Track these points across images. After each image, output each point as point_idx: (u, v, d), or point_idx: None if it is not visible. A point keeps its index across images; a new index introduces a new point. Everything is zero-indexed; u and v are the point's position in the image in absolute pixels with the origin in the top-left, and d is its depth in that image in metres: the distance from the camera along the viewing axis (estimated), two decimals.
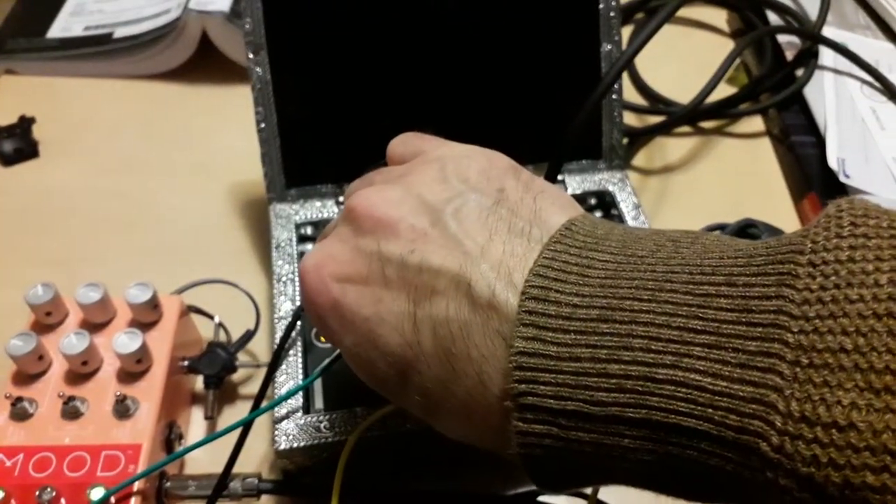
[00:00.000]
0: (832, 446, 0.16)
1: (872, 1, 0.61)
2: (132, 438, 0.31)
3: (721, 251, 0.20)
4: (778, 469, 0.16)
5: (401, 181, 0.25)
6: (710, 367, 0.18)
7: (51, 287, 0.34)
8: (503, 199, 0.24)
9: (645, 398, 0.18)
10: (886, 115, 0.52)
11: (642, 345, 0.19)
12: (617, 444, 0.19)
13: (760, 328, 0.17)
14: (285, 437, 0.32)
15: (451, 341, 0.22)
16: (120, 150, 0.52)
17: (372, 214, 0.24)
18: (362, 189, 0.26)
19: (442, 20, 0.42)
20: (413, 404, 0.24)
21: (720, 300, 0.18)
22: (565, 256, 0.21)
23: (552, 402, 0.19)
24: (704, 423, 0.18)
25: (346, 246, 0.25)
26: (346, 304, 0.24)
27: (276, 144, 0.41)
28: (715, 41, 0.61)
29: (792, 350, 0.17)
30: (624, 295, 0.20)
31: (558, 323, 0.20)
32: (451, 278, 0.22)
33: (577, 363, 0.19)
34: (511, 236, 0.22)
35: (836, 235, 0.18)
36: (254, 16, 0.40)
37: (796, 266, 0.18)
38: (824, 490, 0.16)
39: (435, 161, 0.26)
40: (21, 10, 0.62)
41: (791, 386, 0.16)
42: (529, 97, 0.43)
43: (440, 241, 0.23)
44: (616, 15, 0.43)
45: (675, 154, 0.52)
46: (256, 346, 0.39)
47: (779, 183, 0.50)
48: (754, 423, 0.17)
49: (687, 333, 0.18)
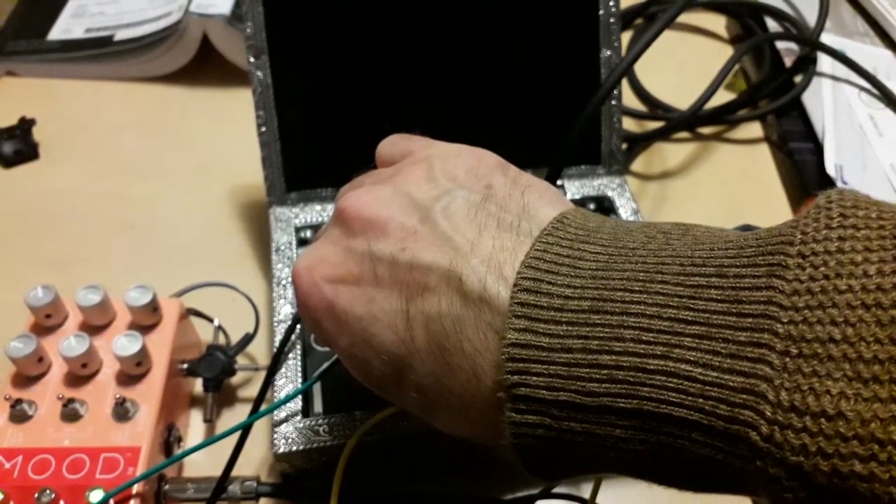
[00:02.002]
0: (821, 435, 0.16)
1: (871, 8, 0.61)
2: (131, 441, 0.31)
3: (712, 243, 0.20)
4: (767, 458, 0.17)
5: (390, 182, 0.26)
6: (700, 358, 0.18)
7: (50, 289, 0.34)
8: (491, 195, 0.24)
9: (636, 388, 0.19)
10: (884, 121, 0.52)
11: (633, 336, 0.19)
12: (609, 434, 0.19)
13: (750, 319, 0.18)
14: (284, 440, 0.32)
15: (444, 336, 0.22)
16: (120, 152, 0.52)
17: (361, 215, 0.25)
18: (352, 191, 0.26)
19: (443, 25, 0.42)
20: (410, 402, 0.24)
21: (711, 291, 0.19)
22: (557, 249, 0.21)
23: (544, 393, 0.20)
24: (695, 413, 0.18)
25: (337, 247, 0.25)
26: (340, 304, 0.24)
27: (276, 148, 0.42)
28: (714, 47, 0.62)
29: (781, 340, 0.17)
30: (615, 286, 0.20)
31: (550, 314, 0.20)
32: (441, 274, 0.22)
33: (569, 354, 0.19)
34: (500, 231, 0.22)
35: (825, 227, 0.18)
36: (255, 20, 0.40)
37: (786, 257, 0.18)
38: (813, 479, 0.16)
39: (423, 161, 0.26)
40: (22, 11, 0.62)
41: (780, 376, 0.17)
42: (529, 102, 0.44)
43: (430, 238, 0.23)
44: (616, 21, 0.43)
45: (674, 159, 0.52)
46: (256, 349, 0.40)
47: (777, 189, 0.51)
48: (744, 412, 0.17)
49: (677, 324, 0.18)
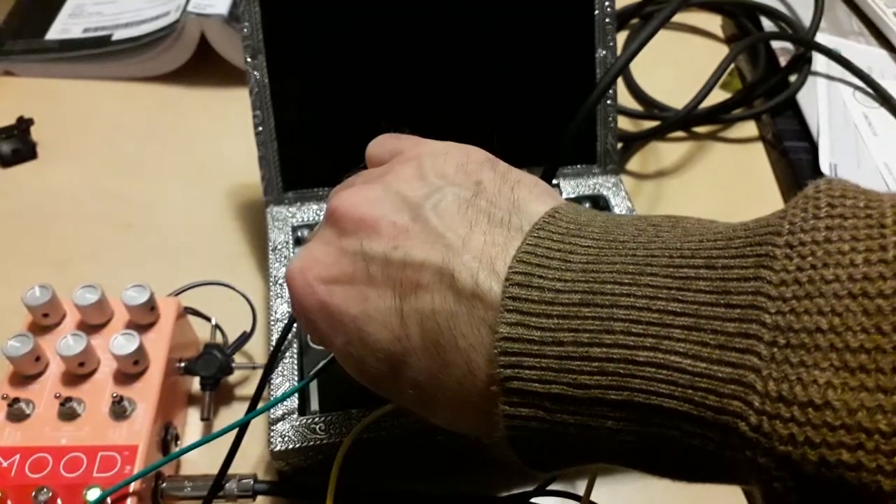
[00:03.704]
0: (808, 425, 0.16)
1: (865, 7, 0.61)
2: (129, 439, 0.31)
3: (701, 234, 0.20)
4: (756, 448, 0.17)
5: (380, 181, 0.26)
6: (689, 349, 0.18)
7: (48, 288, 0.34)
8: (481, 191, 0.24)
9: (626, 380, 0.19)
10: (878, 120, 0.52)
11: (623, 328, 0.19)
12: (601, 426, 0.19)
13: (739, 309, 0.18)
14: (281, 438, 0.32)
15: (438, 333, 0.22)
16: (118, 152, 0.52)
17: (353, 215, 0.25)
18: (343, 191, 0.27)
19: (438, 25, 0.42)
20: (407, 398, 0.24)
21: (699, 283, 0.19)
22: (548, 243, 0.21)
23: (537, 386, 0.20)
24: (685, 404, 0.18)
25: (329, 248, 0.25)
26: (334, 304, 0.24)
27: (273, 147, 0.42)
28: (709, 47, 0.62)
29: (769, 331, 0.17)
30: (605, 279, 0.20)
31: (541, 308, 0.20)
32: (434, 271, 0.22)
33: (560, 347, 0.20)
34: (491, 226, 0.23)
35: (812, 216, 0.18)
36: (252, 20, 0.40)
37: (774, 248, 0.18)
38: (801, 468, 0.16)
39: (413, 159, 0.26)
40: (20, 11, 0.62)
41: (769, 366, 0.17)
42: (525, 102, 0.44)
43: (422, 235, 0.23)
44: (611, 21, 0.43)
45: (669, 158, 0.52)
46: (253, 347, 0.40)
47: (771, 187, 0.51)
48: (733, 403, 0.17)
49: (667, 316, 0.19)
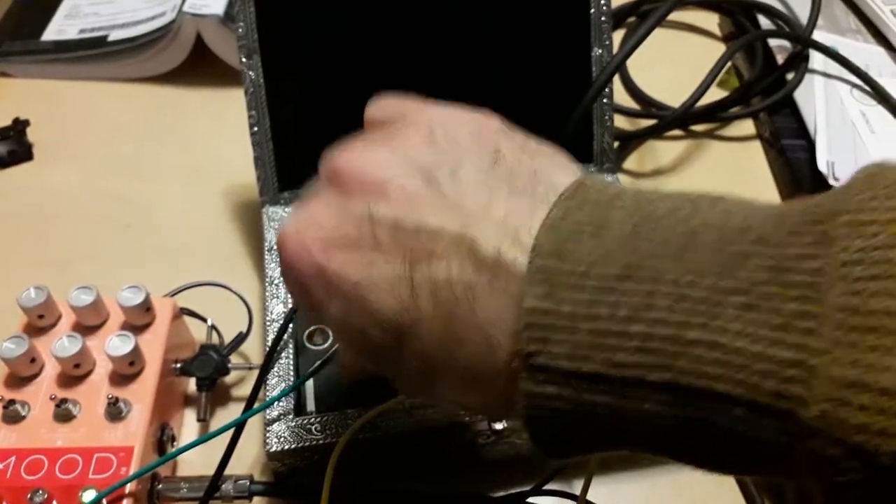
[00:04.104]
0: (882, 413, 0.15)
1: (863, 5, 0.61)
2: (124, 441, 0.31)
3: (745, 212, 0.19)
4: (820, 437, 0.16)
5: (387, 143, 0.24)
6: (744, 329, 0.17)
7: (43, 290, 0.34)
8: (500, 159, 0.23)
9: (671, 360, 0.17)
10: (876, 118, 0.52)
11: (668, 304, 0.18)
12: (636, 408, 0.18)
13: (798, 289, 0.17)
14: (276, 438, 0.32)
15: (453, 304, 0.21)
16: (114, 152, 0.52)
17: (359, 176, 0.23)
18: (345, 153, 0.25)
19: (434, 24, 0.42)
20: (408, 371, 0.23)
21: (753, 259, 0.17)
22: (577, 214, 0.20)
23: (565, 363, 0.19)
24: (738, 387, 0.17)
25: (330, 209, 0.24)
26: (332, 269, 0.23)
27: (268, 148, 0.42)
28: (706, 45, 0.62)
29: (834, 312, 0.16)
30: (644, 253, 0.19)
31: (573, 280, 0.19)
32: (451, 240, 0.21)
33: (594, 323, 0.18)
34: (513, 196, 0.21)
35: (871, 197, 0.17)
36: (247, 20, 0.40)
37: (835, 227, 0.17)
38: (874, 459, 0.15)
39: (420, 123, 0.24)
40: (16, 12, 0.62)
41: (834, 350, 0.16)
42: (521, 101, 0.44)
43: (437, 201, 0.22)
44: (607, 19, 0.43)
45: (666, 157, 0.52)
46: (249, 348, 0.40)
47: (769, 186, 0.51)
48: (794, 388, 0.16)
49: (718, 294, 0.17)
